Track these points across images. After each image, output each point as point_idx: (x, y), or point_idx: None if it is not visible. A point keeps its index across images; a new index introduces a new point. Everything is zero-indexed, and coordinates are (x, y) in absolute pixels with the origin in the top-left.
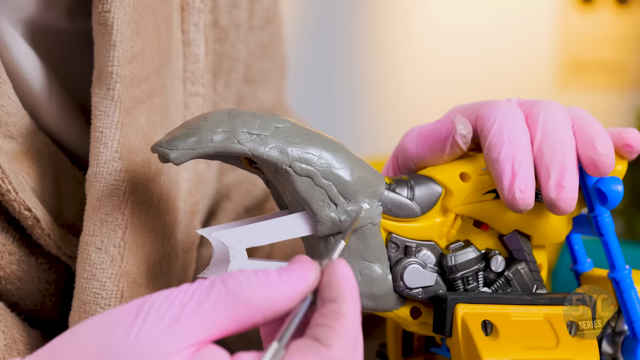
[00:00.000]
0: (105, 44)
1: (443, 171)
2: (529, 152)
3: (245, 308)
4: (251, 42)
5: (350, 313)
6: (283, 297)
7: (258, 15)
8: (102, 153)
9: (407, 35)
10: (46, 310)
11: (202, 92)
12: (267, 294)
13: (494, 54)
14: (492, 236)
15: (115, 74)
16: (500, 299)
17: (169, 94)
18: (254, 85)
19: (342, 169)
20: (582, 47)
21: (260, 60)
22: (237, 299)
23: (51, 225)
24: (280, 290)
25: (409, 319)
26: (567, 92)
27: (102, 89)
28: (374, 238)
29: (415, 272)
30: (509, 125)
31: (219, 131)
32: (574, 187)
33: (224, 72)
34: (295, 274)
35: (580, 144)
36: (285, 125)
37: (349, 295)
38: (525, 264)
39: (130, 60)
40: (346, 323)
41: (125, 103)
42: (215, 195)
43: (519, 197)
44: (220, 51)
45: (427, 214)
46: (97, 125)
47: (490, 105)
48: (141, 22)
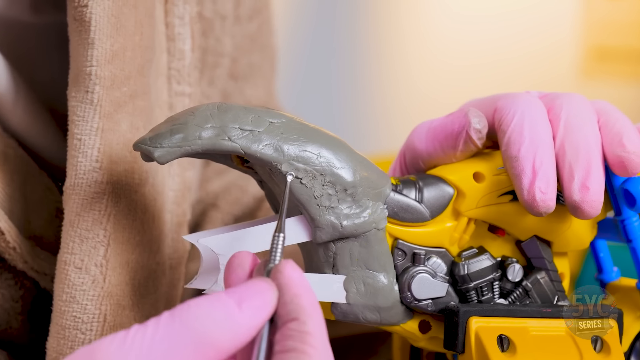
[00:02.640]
0: (83, 42)
1: (455, 171)
2: (552, 149)
3: (213, 351)
4: (237, 34)
5: (316, 329)
6: (247, 328)
7: (245, 5)
8: (80, 163)
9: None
10: (12, 330)
11: (189, 92)
12: (233, 329)
13: (511, 42)
14: (509, 242)
15: (94, 75)
16: (517, 311)
17: (152, 95)
18: (241, 82)
19: (344, 168)
20: (609, 34)
21: (248, 54)
22: (205, 344)
23: (17, 238)
24: (243, 322)
25: (417, 333)
26: (591, 83)
27: (79, 91)
28: (378, 244)
29: (424, 282)
30: (529, 120)
31: (208, 127)
32: (600, 189)
33: (208, 68)
34: (255, 300)
35: (606, 141)
36: (281, 121)
37: (309, 306)
38: (546, 273)
39: (111, 59)
40: (315, 342)
41: (106, 107)
42: (199, 205)
43: (540, 198)
44: (204, 45)
45: (437, 217)
46: (74, 132)
47: (510, 98)
48: (121, 17)
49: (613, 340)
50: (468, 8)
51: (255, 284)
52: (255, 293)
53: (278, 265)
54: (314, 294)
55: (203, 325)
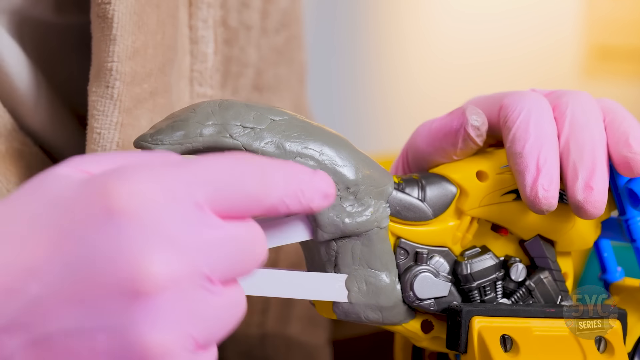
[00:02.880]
0: (105, 38)
1: (457, 169)
2: (556, 147)
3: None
4: (264, 46)
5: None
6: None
7: (273, 18)
8: None
9: (416, 19)
10: None
11: (211, 94)
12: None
13: (512, 41)
14: (512, 242)
15: (114, 71)
16: (521, 311)
17: (173, 94)
18: (267, 93)
19: (346, 166)
20: (611, 33)
21: (274, 67)
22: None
23: None
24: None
25: (419, 333)
26: (594, 82)
27: (100, 86)
28: (380, 243)
29: (426, 282)
30: (535, 118)
31: (209, 124)
32: (604, 189)
33: (232, 77)
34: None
35: (611, 141)
36: (283, 118)
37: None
38: (549, 272)
39: (132, 56)
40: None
41: (126, 102)
42: None
43: (542, 195)
44: (229, 54)
45: (439, 216)
46: (94, 126)
47: (517, 96)
48: (144, 15)
49: (617, 341)
50: (469, 6)
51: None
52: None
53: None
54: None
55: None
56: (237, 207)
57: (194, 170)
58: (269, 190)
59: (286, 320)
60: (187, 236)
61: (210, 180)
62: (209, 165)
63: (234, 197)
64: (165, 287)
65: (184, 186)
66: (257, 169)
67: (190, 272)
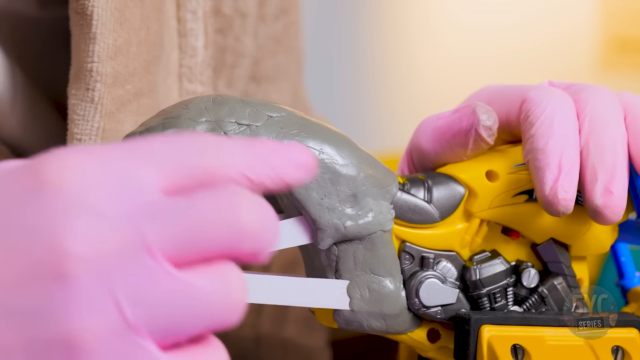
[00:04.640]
0: (84, 36)
1: (466, 169)
2: (578, 150)
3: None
4: (261, 34)
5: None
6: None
7: (271, 4)
8: None
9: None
10: None
11: (201, 91)
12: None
13: (525, 32)
14: (524, 246)
15: (95, 72)
16: (533, 319)
17: (160, 93)
18: (266, 84)
19: (347, 165)
20: (629, 24)
21: (273, 56)
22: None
23: None
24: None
25: (425, 342)
26: (610, 75)
27: (80, 89)
28: (384, 247)
29: (433, 288)
30: (560, 116)
31: (202, 121)
32: (623, 194)
33: (226, 68)
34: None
35: (632, 140)
36: (280, 114)
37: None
38: (563, 278)
39: (113, 55)
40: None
41: (108, 106)
42: None
43: (562, 197)
44: (222, 44)
45: (447, 219)
46: (74, 132)
47: (542, 91)
48: (126, 10)
49: (635, 351)
50: None
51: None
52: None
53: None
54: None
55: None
56: (184, 179)
57: (134, 145)
58: (221, 162)
59: (282, 322)
60: (120, 206)
61: (150, 153)
62: (152, 140)
63: (178, 168)
64: (89, 263)
65: (121, 159)
66: (209, 142)
67: (123, 245)
